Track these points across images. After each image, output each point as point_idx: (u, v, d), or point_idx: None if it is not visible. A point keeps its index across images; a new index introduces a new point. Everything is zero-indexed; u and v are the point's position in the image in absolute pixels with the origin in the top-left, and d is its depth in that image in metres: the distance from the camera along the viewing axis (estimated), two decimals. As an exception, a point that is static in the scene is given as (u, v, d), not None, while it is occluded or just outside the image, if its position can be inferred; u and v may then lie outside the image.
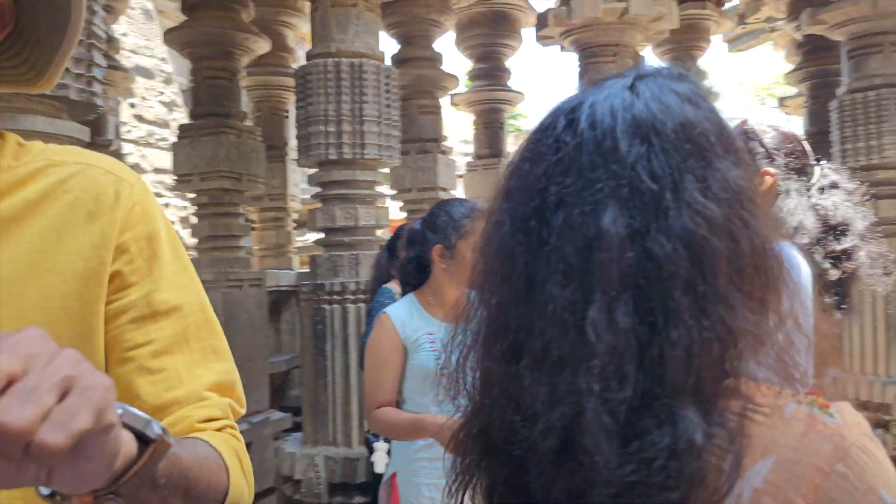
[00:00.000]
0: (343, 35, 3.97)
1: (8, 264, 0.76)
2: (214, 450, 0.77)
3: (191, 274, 0.91)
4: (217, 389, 0.86)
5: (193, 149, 4.69)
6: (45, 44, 0.82)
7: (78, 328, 0.79)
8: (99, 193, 0.82)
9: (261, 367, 4.61)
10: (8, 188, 0.78)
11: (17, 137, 0.84)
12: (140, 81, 7.36)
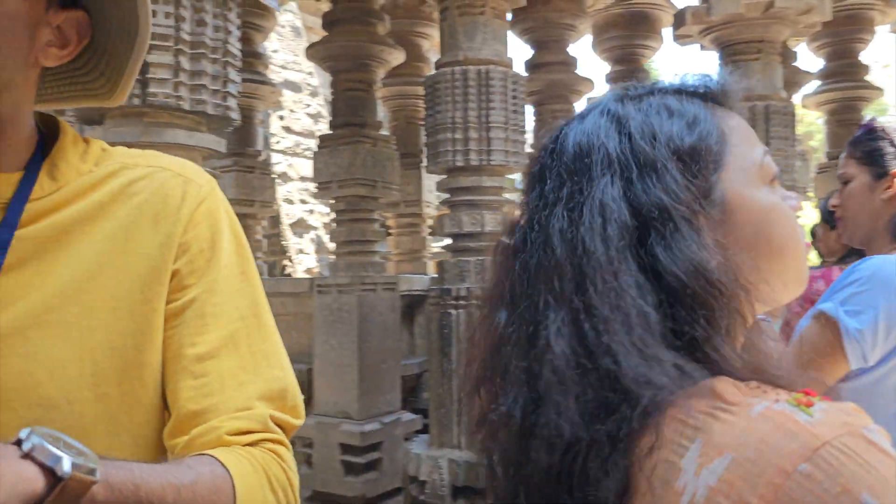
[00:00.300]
0: (470, 43, 4.01)
1: (79, 264, 0.79)
2: (224, 468, 0.74)
3: (249, 278, 0.90)
4: (265, 397, 0.84)
5: (332, 157, 4.91)
6: (117, 56, 0.86)
7: (140, 327, 0.81)
8: (167, 195, 0.84)
9: (393, 368, 4.74)
10: (84, 191, 0.82)
11: (102, 143, 0.89)
12: (288, 95, 7.81)
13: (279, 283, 5.42)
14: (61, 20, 0.80)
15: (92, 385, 0.78)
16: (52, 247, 0.79)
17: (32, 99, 0.82)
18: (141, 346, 0.80)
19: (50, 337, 0.77)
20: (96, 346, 0.78)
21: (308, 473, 4.66)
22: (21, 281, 0.77)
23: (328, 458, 4.50)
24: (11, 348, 0.75)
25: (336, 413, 4.53)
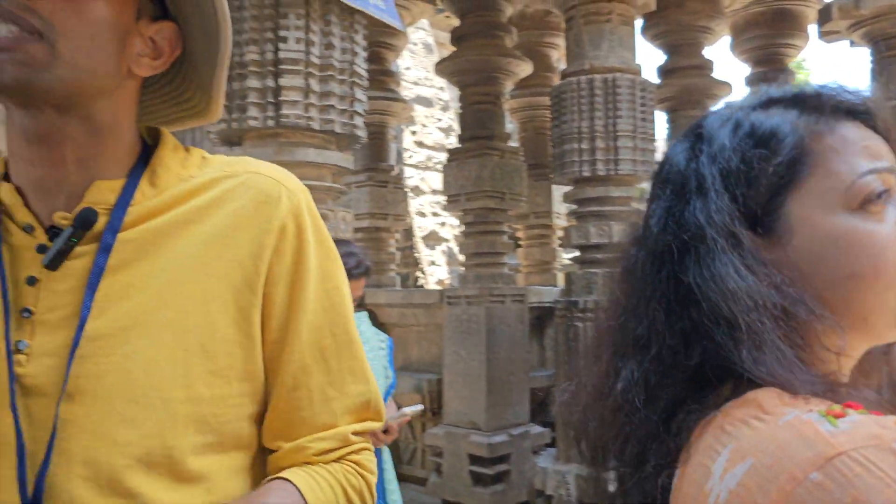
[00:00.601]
0: (596, 51, 3.96)
1: (175, 267, 0.81)
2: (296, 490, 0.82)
3: (340, 291, 0.91)
4: (349, 412, 0.89)
5: (460, 171, 4.98)
6: (205, 72, 0.89)
7: (238, 331, 0.83)
8: (262, 202, 0.85)
9: (521, 380, 4.73)
10: (183, 196, 0.84)
11: (203, 152, 0.91)
12: (420, 110, 8.00)
13: (411, 294, 5.55)
14: (153, 31, 0.83)
15: (184, 385, 0.80)
16: (152, 250, 0.81)
17: (133, 110, 0.86)
18: (232, 352, 0.83)
19: (147, 337, 0.79)
20: (189, 347, 0.80)
21: (438, 482, 4.73)
22: (122, 282, 0.80)
23: (457, 468, 4.55)
24: (112, 347, 0.78)
25: (465, 423, 4.57)
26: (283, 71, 2.63)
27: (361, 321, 2.66)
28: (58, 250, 0.78)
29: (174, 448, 0.78)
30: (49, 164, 0.80)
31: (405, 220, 6.21)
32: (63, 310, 0.79)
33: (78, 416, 0.77)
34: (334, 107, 2.73)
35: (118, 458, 0.77)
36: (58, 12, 0.73)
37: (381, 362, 2.62)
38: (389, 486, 2.52)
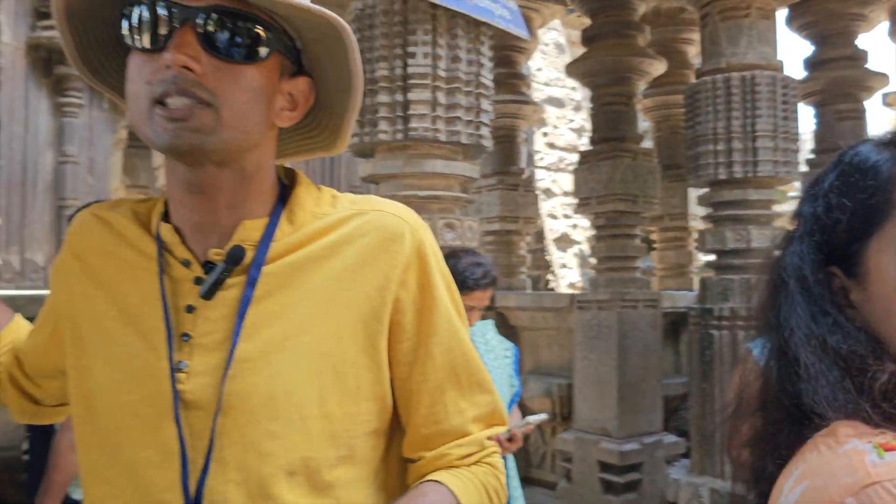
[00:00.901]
0: (734, 48, 3.80)
1: (312, 298, 0.91)
2: (445, 489, 0.93)
3: (461, 315, 1.01)
4: (479, 419, 1.00)
5: (591, 174, 4.93)
6: (336, 112, 0.99)
7: (366, 357, 0.92)
8: (387, 238, 0.94)
9: (654, 387, 4.61)
10: (317, 233, 0.93)
11: (333, 191, 1.00)
12: (552, 111, 7.94)
13: (541, 297, 5.54)
14: (291, 87, 0.93)
15: (319, 404, 0.89)
16: (291, 282, 0.91)
17: (273, 155, 0.97)
18: (361, 375, 0.92)
19: (287, 361, 0.89)
20: (323, 370, 0.90)
21: (567, 488, 4.70)
22: (266, 311, 0.90)
23: (587, 475, 4.51)
24: (257, 369, 0.88)
25: (595, 430, 4.52)
26: (411, 86, 2.72)
27: (487, 330, 2.70)
28: (212, 282, 0.90)
29: (311, 459, 0.88)
30: (206, 210, 0.92)
31: (536, 223, 6.21)
32: (216, 334, 0.90)
33: (230, 429, 0.87)
34: (460, 118, 2.79)
35: (264, 466, 0.87)
36: (221, 84, 0.84)
37: (507, 371, 2.64)
38: (514, 492, 2.55)
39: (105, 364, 0.93)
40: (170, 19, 0.83)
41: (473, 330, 2.64)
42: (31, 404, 1.14)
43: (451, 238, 2.85)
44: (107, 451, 0.91)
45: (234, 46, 0.85)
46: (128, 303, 0.94)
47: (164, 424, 0.88)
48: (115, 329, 0.93)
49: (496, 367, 2.58)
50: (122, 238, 0.97)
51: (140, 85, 0.85)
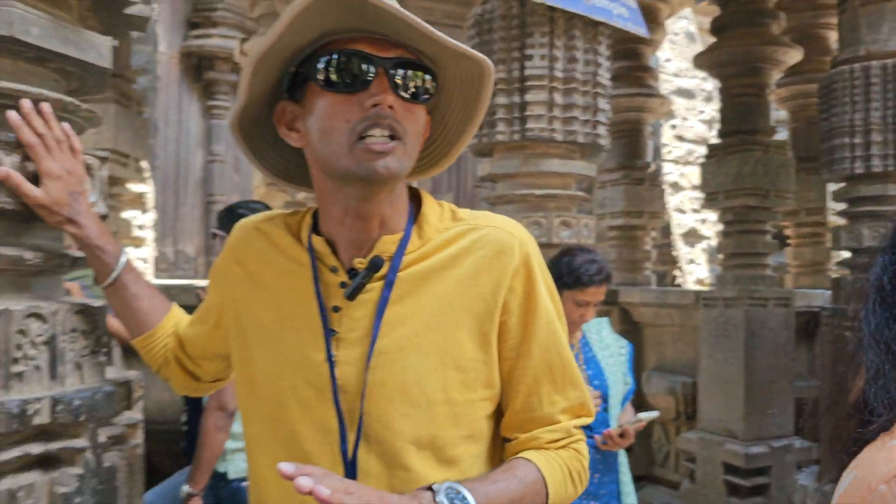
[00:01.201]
0: (875, 35, 3.59)
1: (437, 301, 1.07)
2: (533, 466, 1.08)
3: (560, 318, 1.16)
4: (568, 411, 1.15)
5: (719, 167, 4.79)
6: (456, 130, 1.15)
7: (481, 352, 1.09)
8: (500, 251, 1.09)
9: (785, 389, 4.44)
10: (441, 246, 1.10)
11: (452, 206, 1.15)
12: (681, 102, 7.73)
13: (665, 294, 5.45)
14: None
15: (443, 391, 1.06)
16: (419, 288, 1.07)
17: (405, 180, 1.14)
18: (477, 368, 1.08)
19: (417, 355, 1.06)
20: (447, 364, 1.06)
21: (690, 488, 4.62)
22: (400, 312, 1.06)
23: (711, 476, 4.41)
24: (393, 361, 1.05)
25: (720, 430, 4.42)
26: (528, 87, 2.79)
27: (603, 327, 2.73)
28: (355, 286, 1.06)
29: (437, 437, 1.06)
30: (363, 230, 1.09)
31: (661, 218, 6.10)
32: (358, 331, 1.07)
33: (370, 409, 1.05)
34: (577, 118, 2.83)
35: (398, 441, 1.05)
36: (406, 121, 1.03)
37: (621, 368, 2.66)
38: (625, 487, 2.57)
39: (265, 354, 1.12)
40: (369, 67, 1.00)
41: (589, 326, 2.68)
42: (192, 381, 1.35)
43: (567, 235, 2.90)
44: (269, 425, 1.11)
45: (414, 89, 1.03)
46: (283, 303, 1.12)
47: (321, 405, 1.06)
48: (273, 325, 1.12)
49: (610, 363, 2.61)
50: (277, 248, 1.15)
51: (340, 122, 1.01)
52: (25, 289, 1.27)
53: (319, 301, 1.08)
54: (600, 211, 6.18)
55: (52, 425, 1.21)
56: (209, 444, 2.53)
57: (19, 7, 1.20)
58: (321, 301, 1.08)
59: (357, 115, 1.00)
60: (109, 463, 1.29)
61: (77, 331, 1.29)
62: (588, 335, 2.66)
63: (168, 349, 1.32)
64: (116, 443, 1.32)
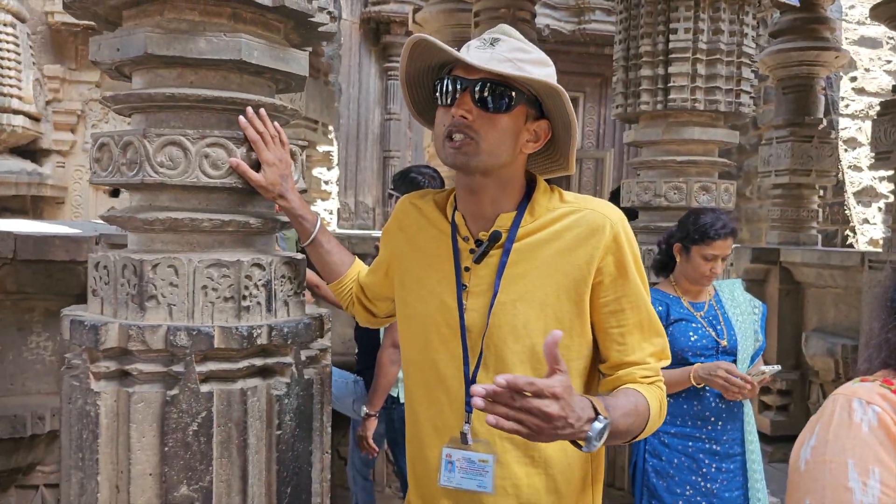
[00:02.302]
0: None
1: (542, 267, 1.38)
2: (642, 395, 1.36)
3: (644, 283, 1.43)
4: (654, 355, 1.43)
5: (892, 125, 4.60)
6: (564, 147, 1.44)
7: (575, 308, 1.39)
8: (593, 229, 1.38)
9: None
10: (548, 223, 1.40)
11: (560, 189, 1.46)
12: (864, 52, 7.23)
13: (828, 254, 5.33)
14: (534, 127, 1.40)
15: (543, 334, 1.34)
16: (529, 255, 1.39)
17: (523, 169, 1.45)
18: (572, 320, 1.39)
19: (526, 307, 1.38)
20: (548, 315, 1.38)
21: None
22: (514, 273, 1.39)
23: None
24: (507, 311, 1.38)
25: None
26: (672, 60, 2.95)
27: (735, 287, 2.89)
28: (481, 253, 1.40)
29: (537, 371, 1.36)
30: (477, 205, 1.42)
31: (831, 176, 5.90)
32: (482, 286, 1.40)
33: (489, 345, 1.39)
34: (720, 87, 2.96)
35: (507, 369, 1.36)
36: (481, 126, 1.33)
37: (753, 326, 2.82)
38: (749, 436, 2.75)
39: (417, 299, 1.49)
40: (457, 86, 1.33)
41: (722, 286, 2.86)
42: (371, 316, 1.77)
43: (706, 200, 3.05)
44: (418, 353, 1.48)
45: (493, 103, 1.32)
46: (431, 261, 1.48)
47: (454, 340, 1.42)
48: (423, 277, 1.49)
49: (740, 321, 2.78)
50: (427, 219, 1.52)
51: (440, 126, 1.37)
52: (250, 245, 1.72)
53: (456, 262, 1.44)
54: (764, 168, 6.08)
55: (268, 346, 1.66)
56: (384, 374, 3.02)
57: (245, 37, 1.62)
58: (457, 262, 1.44)
59: (447, 122, 1.34)
60: (308, 376, 1.73)
61: (285, 277, 1.73)
62: (721, 294, 2.84)
63: (353, 293, 1.74)
64: (312, 361, 1.76)
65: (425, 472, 1.48)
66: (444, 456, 1.39)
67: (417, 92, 1.48)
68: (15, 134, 8.58)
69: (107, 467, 1.58)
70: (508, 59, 1.32)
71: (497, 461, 1.37)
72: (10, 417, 2.75)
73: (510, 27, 1.41)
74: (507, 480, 1.39)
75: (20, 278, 2.83)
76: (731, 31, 2.94)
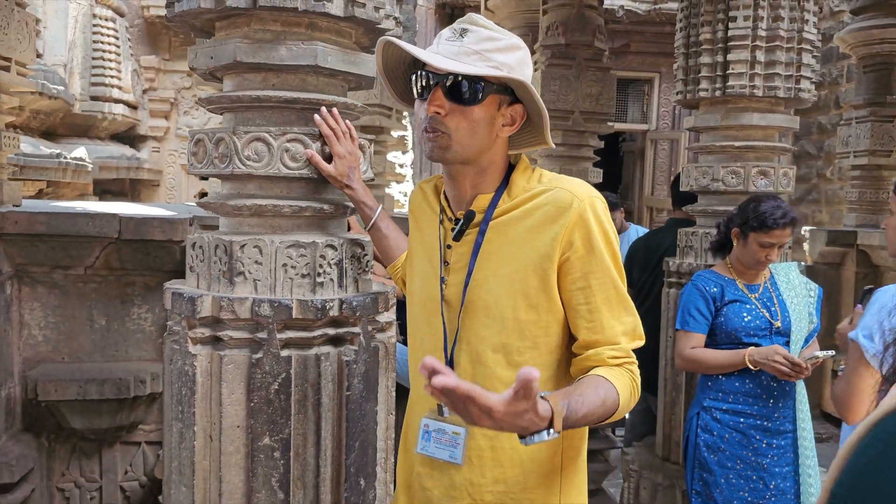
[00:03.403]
0: None
1: (511, 244, 1.44)
2: (612, 386, 1.34)
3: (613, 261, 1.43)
4: (625, 334, 1.44)
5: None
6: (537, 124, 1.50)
7: (542, 284, 1.42)
8: (560, 207, 1.41)
9: None
10: (521, 202, 1.46)
11: (541, 171, 1.52)
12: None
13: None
14: (509, 111, 1.45)
15: (513, 310, 1.43)
16: (502, 233, 1.45)
17: (503, 153, 1.52)
18: (538, 295, 1.44)
19: (496, 283, 1.44)
20: (516, 290, 1.43)
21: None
22: (488, 251, 1.46)
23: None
24: (480, 286, 1.45)
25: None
26: (731, 47, 3.01)
27: (791, 270, 2.95)
28: (458, 231, 1.51)
29: (507, 345, 1.45)
30: (457, 189, 1.53)
31: (914, 157, 5.74)
32: (460, 263, 1.50)
33: (464, 320, 1.47)
34: (779, 74, 3.00)
35: (480, 344, 1.45)
36: (453, 120, 1.40)
37: (808, 308, 2.88)
38: (801, 415, 2.82)
39: (415, 275, 1.62)
40: (428, 81, 1.40)
41: (778, 269, 2.93)
42: None
43: (764, 184, 3.11)
44: (413, 326, 1.62)
45: (464, 95, 1.38)
46: (427, 240, 1.60)
47: (435, 315, 1.52)
48: (421, 254, 1.61)
49: (795, 303, 2.85)
50: (427, 201, 1.66)
51: (418, 119, 1.45)
52: (324, 228, 1.94)
53: (440, 240, 1.55)
54: (843, 149, 5.97)
55: (339, 317, 1.87)
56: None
57: (320, 44, 1.82)
58: (441, 240, 1.55)
59: (424, 116, 1.42)
60: (374, 344, 1.94)
61: (355, 256, 1.94)
62: (776, 277, 2.91)
63: (400, 275, 1.94)
64: (378, 332, 1.97)
65: (413, 437, 1.57)
66: (423, 426, 1.48)
67: (398, 84, 1.57)
68: (115, 121, 9.17)
69: (202, 420, 1.83)
70: (476, 52, 1.36)
71: (468, 434, 1.43)
72: (115, 380, 3.08)
73: (479, 16, 1.45)
74: (474, 452, 1.45)
75: (122, 256, 3.15)
76: (792, 17, 2.98)
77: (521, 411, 1.10)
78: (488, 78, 1.38)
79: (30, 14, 3.35)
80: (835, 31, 7.39)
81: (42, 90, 7.50)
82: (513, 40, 1.42)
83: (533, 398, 1.09)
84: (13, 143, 3.42)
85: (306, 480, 1.84)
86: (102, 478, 3.32)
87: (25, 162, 6.99)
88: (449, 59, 1.37)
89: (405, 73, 1.53)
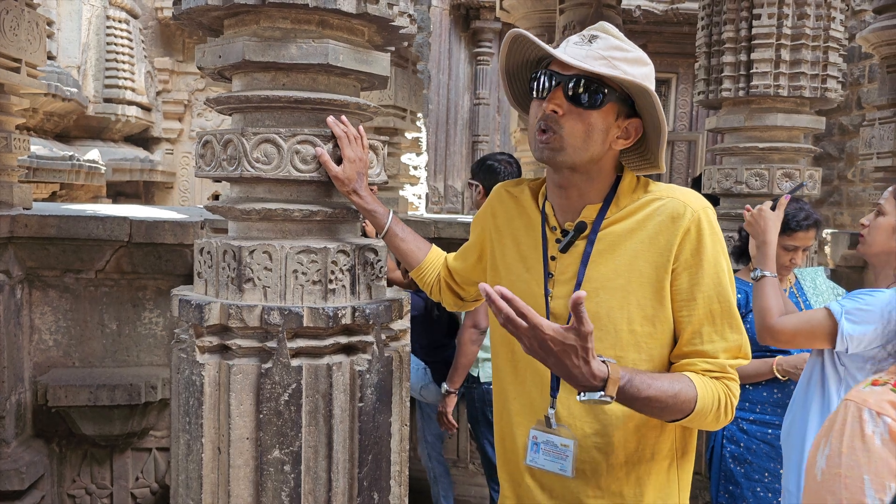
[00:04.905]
0: None
1: (624, 255, 1.39)
2: (693, 385, 1.32)
3: (724, 273, 1.39)
4: (727, 351, 1.39)
5: None
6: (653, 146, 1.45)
7: (657, 296, 1.39)
8: (673, 217, 1.38)
9: None
10: (631, 213, 1.42)
11: (646, 180, 1.46)
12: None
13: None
14: (625, 124, 1.41)
15: (626, 323, 1.39)
16: (613, 245, 1.41)
17: (612, 165, 1.45)
18: (654, 307, 1.39)
19: (607, 295, 1.40)
20: (630, 302, 1.39)
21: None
22: (598, 262, 1.42)
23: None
24: (590, 298, 1.37)
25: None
26: (755, 46, 2.92)
27: (818, 275, 2.86)
28: (567, 242, 1.44)
29: (621, 358, 1.38)
30: (565, 198, 1.46)
31: (938, 159, 5.60)
32: (567, 275, 1.44)
33: None
34: (805, 73, 2.91)
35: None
36: (568, 121, 1.36)
37: (836, 313, 2.79)
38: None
39: (507, 284, 1.51)
40: (551, 81, 1.37)
41: (803, 273, 2.84)
42: (458, 300, 1.85)
43: (788, 187, 3.02)
44: (505, 337, 1.51)
45: (584, 99, 1.35)
46: (523, 248, 1.52)
47: None
48: (514, 263, 1.54)
49: (821, 307, 2.76)
50: (521, 208, 1.57)
51: (533, 118, 1.41)
52: (335, 233, 1.88)
53: (543, 251, 1.49)
54: (866, 151, 5.85)
55: (352, 325, 1.81)
56: (464, 354, 3.16)
57: (331, 42, 1.76)
58: (545, 250, 1.49)
59: (539, 116, 1.38)
60: (388, 354, 1.88)
61: (368, 262, 1.88)
62: (802, 281, 2.82)
63: (440, 277, 1.83)
64: (392, 340, 1.91)
65: (513, 449, 1.54)
66: (531, 437, 1.46)
67: (516, 84, 1.53)
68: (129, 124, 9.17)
69: (210, 431, 1.77)
70: (603, 57, 1.33)
71: (577, 445, 1.41)
72: (126, 386, 3.04)
73: (610, 25, 1.41)
74: (587, 465, 1.42)
75: (133, 259, 3.11)
76: (818, 15, 2.89)
77: (569, 346, 1.17)
78: (612, 83, 1.36)
79: (40, 15, 3.32)
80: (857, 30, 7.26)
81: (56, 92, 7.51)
82: (641, 54, 1.40)
83: (583, 334, 1.16)
84: (24, 146, 3.39)
85: (317, 495, 1.77)
86: (113, 484, 3.28)
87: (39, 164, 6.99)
88: (576, 61, 1.33)
89: (526, 73, 1.49)
